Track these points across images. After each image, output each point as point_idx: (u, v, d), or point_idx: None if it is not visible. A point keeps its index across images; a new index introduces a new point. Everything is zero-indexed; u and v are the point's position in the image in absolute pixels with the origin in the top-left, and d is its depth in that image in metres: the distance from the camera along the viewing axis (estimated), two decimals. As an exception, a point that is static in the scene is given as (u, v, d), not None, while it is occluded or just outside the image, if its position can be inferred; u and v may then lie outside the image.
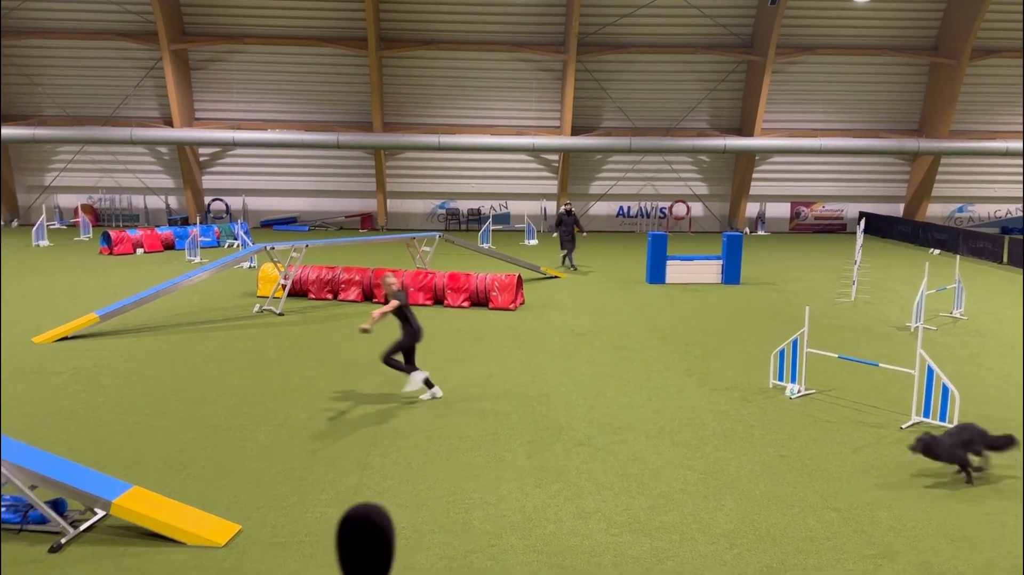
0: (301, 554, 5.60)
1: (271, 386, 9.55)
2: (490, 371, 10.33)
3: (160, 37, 24.85)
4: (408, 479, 6.90)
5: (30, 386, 9.42)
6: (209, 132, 26.12)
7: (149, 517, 5.76)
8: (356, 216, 28.34)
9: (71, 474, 5.99)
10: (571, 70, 26.24)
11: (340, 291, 15.18)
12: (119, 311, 12.34)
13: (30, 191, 27.65)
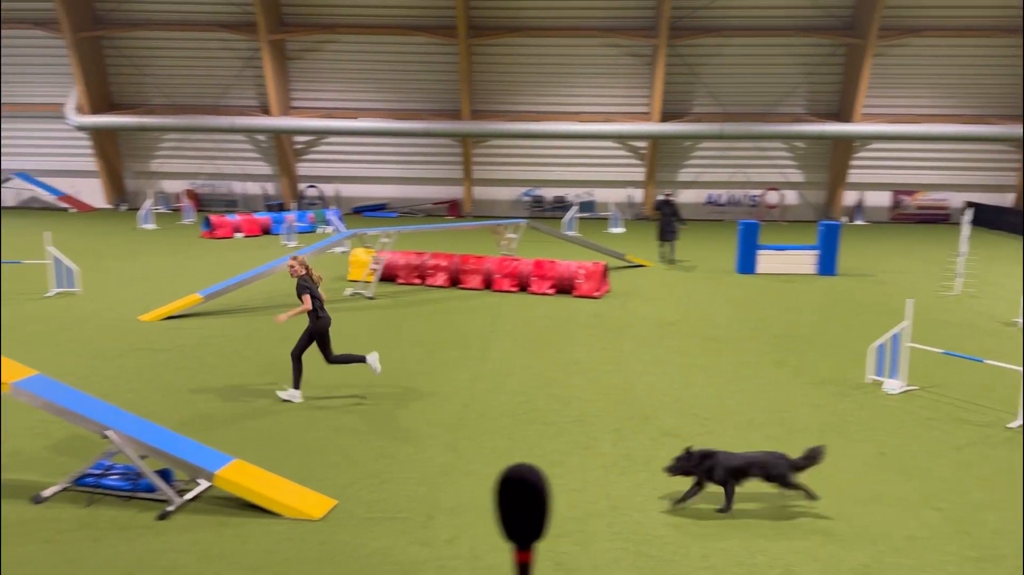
0: (393, 530, 5.74)
1: (362, 367, 9.79)
2: (575, 358, 10.32)
3: (259, 28, 25.68)
4: (495, 463, 6.97)
5: (138, 362, 9.96)
6: (304, 121, 26.89)
7: (249, 489, 6.02)
8: (443, 203, 28.70)
9: (178, 446, 6.32)
10: (661, 55, 25.81)
11: (428, 276, 15.42)
12: (221, 292, 12.89)
13: (137, 177, 29.10)
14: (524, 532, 1.65)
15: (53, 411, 6.27)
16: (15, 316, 12.14)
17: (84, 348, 10.49)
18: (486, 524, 5.85)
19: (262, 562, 5.31)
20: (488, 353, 10.48)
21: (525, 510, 1.63)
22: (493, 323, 12.18)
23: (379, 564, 5.30)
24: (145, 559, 5.36)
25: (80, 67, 26.16)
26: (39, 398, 6.23)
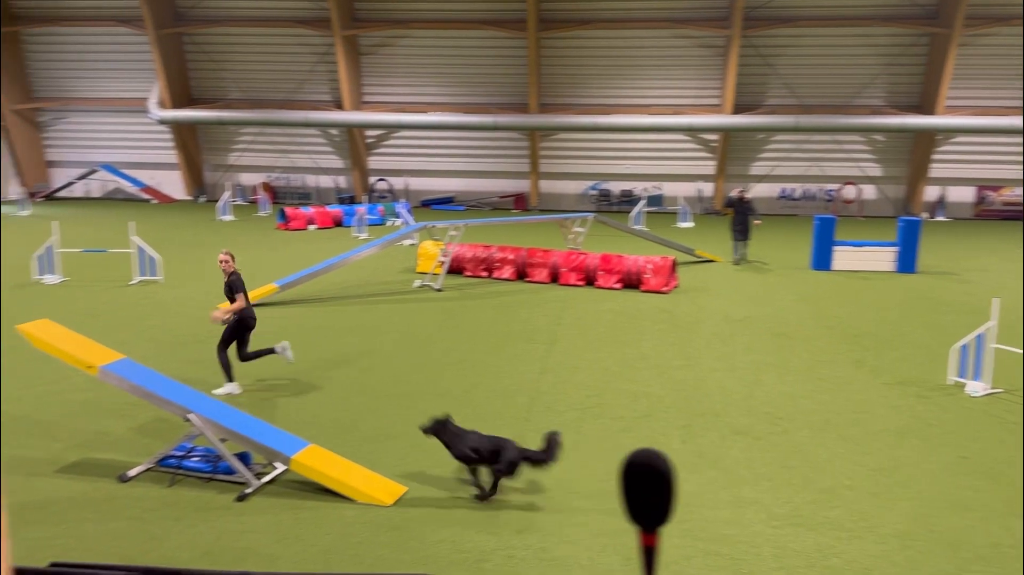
0: (462, 519, 5.81)
1: (431, 358, 9.92)
2: (642, 353, 10.23)
3: (333, 24, 26.17)
4: (562, 456, 6.96)
5: (215, 349, 10.27)
6: (375, 115, 27.31)
7: (324, 474, 6.16)
8: (509, 196, 28.78)
9: (256, 430, 6.51)
10: (735, 46, 25.31)
11: (494, 269, 15.50)
12: (296, 282, 13.22)
13: (215, 170, 30.02)
14: (650, 516, 1.69)
15: (138, 394, 6.54)
16: (101, 302, 12.69)
17: (166, 334, 10.90)
18: (555, 516, 5.86)
19: (336, 545, 5.44)
20: (555, 347, 10.48)
21: (651, 494, 1.68)
22: (559, 317, 12.17)
23: (448, 552, 5.37)
24: (224, 539, 5.55)
25: (162, 63, 27.11)
26: (126, 381, 6.51)
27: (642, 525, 1.72)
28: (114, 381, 6.53)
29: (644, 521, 1.71)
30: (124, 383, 6.50)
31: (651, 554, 1.73)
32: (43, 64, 29.07)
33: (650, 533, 1.72)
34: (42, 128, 29.97)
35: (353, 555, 5.32)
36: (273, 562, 5.19)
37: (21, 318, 11.65)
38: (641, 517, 1.72)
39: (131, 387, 6.50)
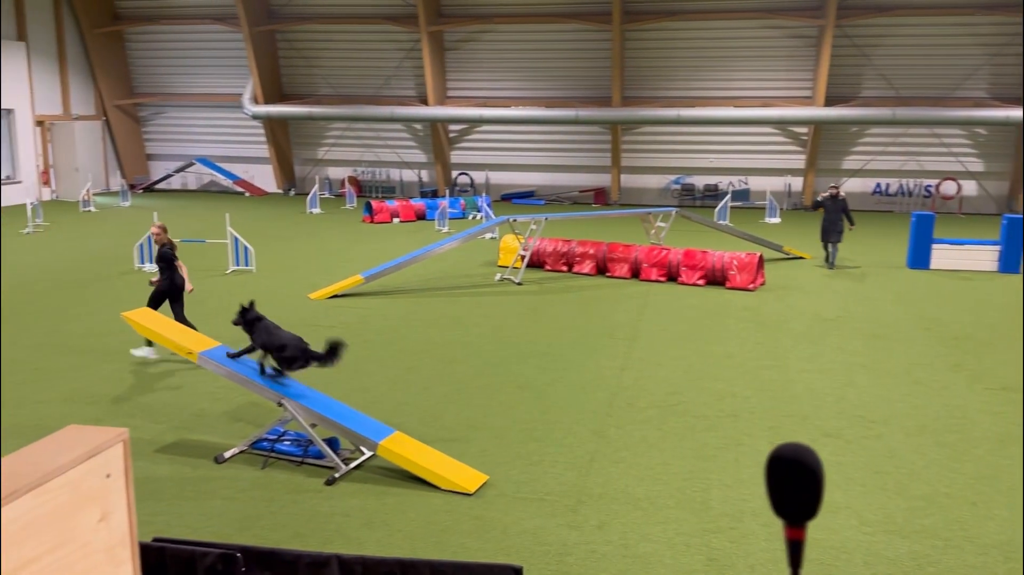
0: (543, 511, 5.84)
1: (512, 350, 9.99)
2: (727, 352, 10.04)
3: (420, 20, 26.53)
4: (644, 452, 6.93)
5: (306, 336, 10.52)
6: (459, 110, 27.57)
7: (409, 460, 6.30)
8: (590, 191, 28.62)
9: (345, 416, 6.70)
10: (828, 36, 24.48)
11: (575, 264, 15.46)
12: (380, 274, 13.51)
13: (304, 164, 30.88)
14: (797, 510, 1.70)
15: (235, 379, 6.81)
16: (199, 290, 13.24)
17: (258, 322, 11.29)
18: (636, 512, 5.83)
19: (421, 531, 5.55)
20: (636, 343, 10.40)
21: (799, 488, 1.69)
22: (640, 312, 12.06)
23: (529, 544, 5.41)
24: (314, 521, 5.73)
25: (255, 59, 28.02)
26: (222, 367, 6.79)
27: (788, 519, 1.71)
28: (212, 367, 6.83)
29: (790, 515, 1.70)
30: (220, 369, 6.79)
31: (797, 548, 1.75)
32: (143, 61, 30.45)
33: (796, 527, 1.73)
34: (142, 122, 31.43)
35: (436, 542, 5.41)
36: (360, 545, 5.34)
37: (125, 304, 12.28)
38: (787, 511, 1.73)
39: (227, 373, 6.78)
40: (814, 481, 1.71)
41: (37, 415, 7.72)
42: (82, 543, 1.40)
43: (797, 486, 1.70)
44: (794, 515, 1.74)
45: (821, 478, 1.72)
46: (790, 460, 1.72)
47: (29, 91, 26.23)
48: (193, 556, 4.03)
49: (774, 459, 1.74)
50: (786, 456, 1.73)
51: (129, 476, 1.46)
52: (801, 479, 1.70)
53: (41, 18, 27.01)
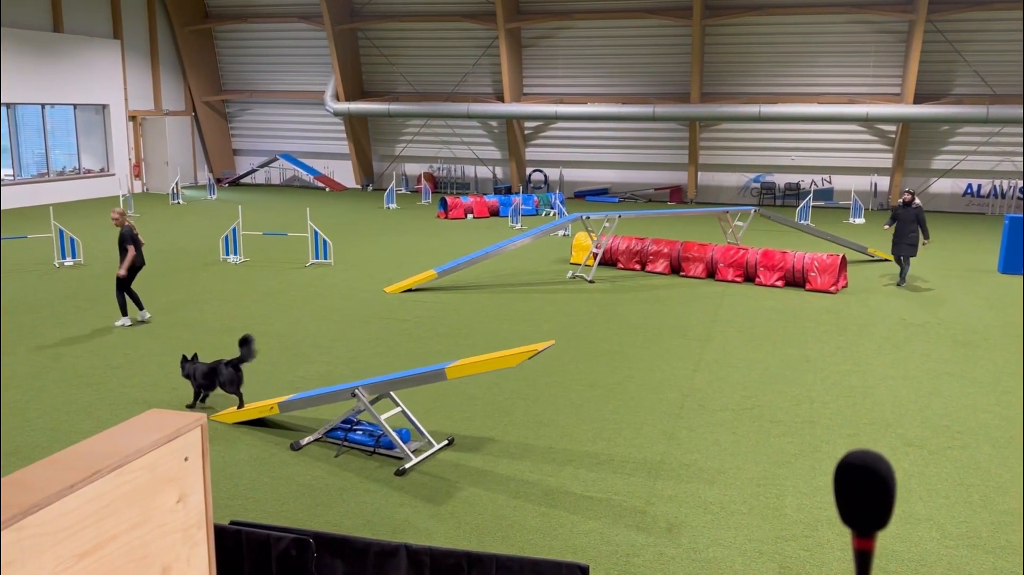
0: (610, 511, 5.79)
1: (582, 348, 9.94)
2: (806, 355, 9.76)
3: (498, 17, 26.65)
4: (715, 456, 6.80)
5: (382, 329, 10.80)
6: (535, 107, 27.58)
7: (476, 363, 6.52)
8: (665, 189, 28.24)
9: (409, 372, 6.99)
10: (919, 31, 23.51)
11: (648, 262, 15.28)
12: (454, 269, 13.64)
13: (383, 160, 31.42)
14: (866, 519, 1.66)
15: (314, 403, 7.19)
16: (279, 282, 13.63)
17: (336, 314, 11.56)
18: (707, 516, 5.73)
19: (488, 526, 5.58)
20: (709, 344, 10.21)
21: (869, 497, 1.65)
22: (715, 313, 11.84)
23: (596, 543, 5.37)
24: (384, 510, 5.83)
25: (337, 57, 28.64)
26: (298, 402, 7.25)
27: (857, 528, 1.68)
28: (294, 408, 7.28)
29: (860, 524, 1.67)
30: (301, 403, 7.23)
31: (866, 559, 1.69)
32: (231, 58, 31.49)
33: (866, 537, 1.68)
34: (229, 118, 32.51)
35: (504, 537, 5.43)
36: (428, 537, 5.40)
37: (210, 294, 12.75)
38: (856, 520, 1.68)
39: (305, 402, 7.22)
40: (885, 490, 1.64)
41: (124, 398, 8.08)
42: (160, 523, 1.45)
43: (867, 495, 1.64)
44: (863, 525, 1.68)
45: (892, 487, 1.65)
46: (860, 467, 1.66)
47: (123, 87, 27.45)
48: (268, 540, 4.15)
49: (843, 466, 1.68)
50: (856, 463, 1.67)
51: (206, 460, 1.51)
52: (871, 487, 1.64)
53: (135, 16, 28.23)
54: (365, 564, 4.16)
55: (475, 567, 4.03)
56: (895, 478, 1.65)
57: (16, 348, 9.70)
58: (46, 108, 24.93)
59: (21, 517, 1.20)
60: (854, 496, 1.67)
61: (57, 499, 1.25)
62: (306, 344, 10.02)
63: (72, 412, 7.69)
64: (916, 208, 13.74)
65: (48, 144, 25.28)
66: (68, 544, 1.28)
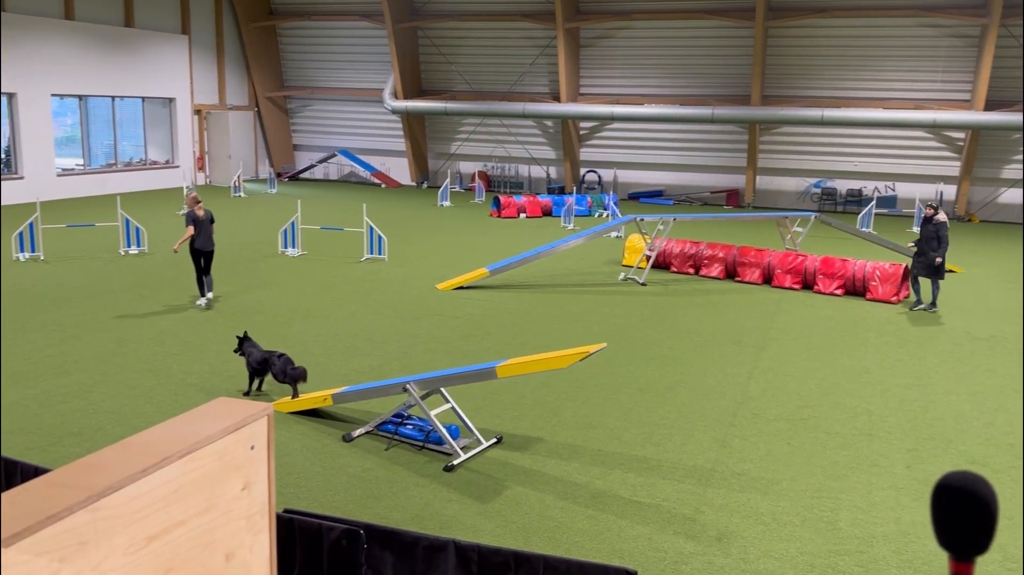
0: (659, 517, 5.73)
1: (633, 351, 9.86)
2: (865, 367, 9.52)
3: (556, 17, 26.61)
4: (769, 466, 6.67)
5: (432, 325, 10.88)
6: (591, 107, 27.48)
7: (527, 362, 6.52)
8: (721, 192, 27.85)
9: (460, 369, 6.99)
10: (991, 36, 22.72)
11: (702, 266, 15.08)
12: (505, 268, 13.67)
13: (438, 158, 31.67)
14: (966, 543, 1.60)
15: (366, 396, 7.15)
16: (334, 276, 13.84)
17: (389, 309, 11.68)
18: (758, 527, 5.62)
19: (535, 526, 5.57)
20: (765, 351, 10.03)
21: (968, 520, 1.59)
22: (771, 320, 11.62)
23: (643, 549, 5.32)
24: (432, 505, 5.87)
25: (397, 55, 28.95)
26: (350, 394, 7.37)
27: (955, 552, 1.62)
28: (347, 400, 7.40)
29: (958, 548, 1.61)
30: (353, 396, 7.35)
31: None
32: (293, 55, 32.08)
33: (964, 562, 1.62)
34: (290, 114, 33.13)
35: (550, 538, 5.42)
36: (475, 533, 5.42)
37: (268, 285, 13.00)
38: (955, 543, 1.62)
39: (358, 395, 7.32)
40: (987, 513, 1.58)
41: (184, 384, 8.29)
42: (225, 510, 1.47)
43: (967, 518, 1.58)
44: (962, 549, 1.61)
45: (995, 511, 1.59)
46: (961, 489, 1.60)
47: (189, 81, 28.18)
48: (320, 529, 4.21)
49: (942, 487, 1.62)
50: (955, 485, 1.60)
51: (271, 449, 1.52)
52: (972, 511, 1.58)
53: (203, 12, 28.94)
54: (414, 558, 4.19)
55: (523, 567, 4.03)
56: (997, 501, 1.58)
57: (82, 333, 10.03)
58: (116, 101, 25.73)
59: (96, 498, 1.22)
60: (953, 519, 1.60)
61: (130, 482, 1.28)
62: (359, 338, 10.15)
63: (134, 396, 7.92)
64: (937, 224, 12.22)
65: (117, 135, 26.10)
66: (139, 526, 1.30)
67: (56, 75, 23.35)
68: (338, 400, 7.36)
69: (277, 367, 7.71)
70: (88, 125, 25.32)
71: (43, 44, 22.94)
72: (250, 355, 7.91)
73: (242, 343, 8.03)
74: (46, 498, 1.22)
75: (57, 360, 8.93)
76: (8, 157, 22.86)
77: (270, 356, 7.80)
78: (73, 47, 23.78)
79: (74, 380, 8.31)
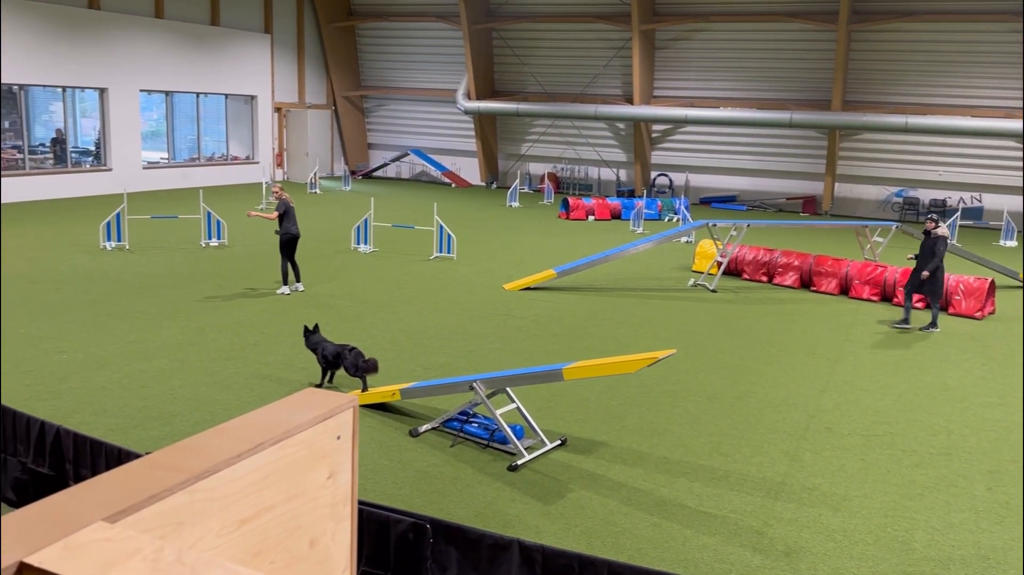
0: (725, 528, 5.64)
1: (701, 359, 9.71)
2: (945, 384, 9.17)
3: (632, 18, 26.42)
4: (841, 482, 6.49)
5: (499, 325, 10.94)
6: (665, 109, 27.18)
7: (594, 366, 6.51)
8: (797, 199, 27.18)
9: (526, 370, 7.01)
10: (1094, 40, 21.58)
11: (776, 275, 14.75)
12: (573, 270, 13.64)
13: (508, 158, 31.81)
14: None
15: (433, 392, 7.21)
16: (404, 273, 14.04)
17: (456, 307, 11.79)
18: (829, 544, 5.48)
19: (598, 530, 5.55)
20: (839, 364, 9.75)
21: None
22: (847, 332, 11.29)
23: (709, 560, 5.24)
24: (495, 504, 5.90)
25: (472, 56, 29.19)
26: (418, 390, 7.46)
27: None
28: (414, 395, 7.50)
29: None
30: (420, 392, 7.46)
31: None
32: (370, 55, 32.67)
33: None
34: (366, 113, 33.76)
35: (614, 543, 5.39)
36: (538, 534, 5.43)
37: (340, 281, 13.28)
38: None
39: (425, 390, 7.37)
40: None
41: (259, 374, 8.53)
42: (311, 497, 1.51)
43: None
44: None
45: None
46: None
47: (270, 80, 28.98)
48: (388, 521, 4.28)
49: None
50: None
51: (355, 440, 1.56)
52: None
53: (285, 12, 29.74)
54: (479, 555, 4.23)
55: (586, 570, 4.02)
56: None
57: (163, 320, 10.43)
58: (200, 97, 26.65)
59: (194, 480, 1.27)
60: None
61: (226, 466, 1.32)
62: (427, 335, 10.28)
63: (211, 384, 8.19)
64: (934, 239, 11.37)
65: (200, 131, 27.04)
66: (232, 510, 1.34)
67: (145, 71, 24.32)
68: (406, 395, 7.46)
69: (349, 360, 7.87)
70: (173, 120, 26.31)
71: (134, 41, 23.93)
72: (324, 348, 8.08)
73: (309, 335, 8.23)
74: (148, 478, 1.27)
75: (140, 346, 9.30)
76: (98, 149, 23.94)
77: (342, 350, 7.97)
78: (161, 44, 24.73)
79: (155, 366, 8.64)
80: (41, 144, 23.41)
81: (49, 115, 24.21)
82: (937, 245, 11.35)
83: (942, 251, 11.34)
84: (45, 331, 9.70)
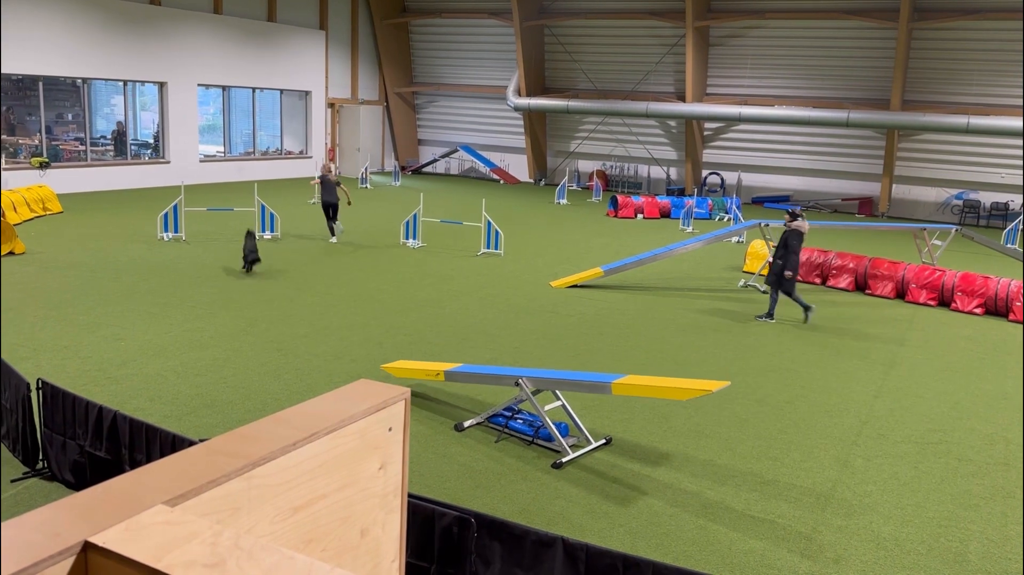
0: (773, 533, 5.55)
1: (750, 362, 9.57)
2: (1003, 392, 8.88)
3: (686, 15, 26.12)
4: (893, 490, 6.34)
5: (545, 322, 10.93)
6: (718, 107, 26.82)
7: (645, 386, 6.41)
8: (853, 200, 26.59)
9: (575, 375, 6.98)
10: None
11: (830, 277, 14.46)
12: (620, 268, 13.56)
13: (557, 155, 31.74)
14: None
15: (477, 380, 7.23)
16: (451, 268, 14.12)
17: (502, 303, 11.82)
18: (880, 552, 5.36)
19: (642, 530, 5.51)
20: (894, 369, 9.52)
21: None
22: (903, 337, 11.02)
23: (755, 564, 5.17)
24: (539, 501, 5.90)
25: (523, 53, 29.19)
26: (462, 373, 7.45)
27: None
28: (457, 378, 7.51)
29: None
30: (463, 376, 7.46)
31: None
32: (423, 51, 32.92)
33: None
34: (417, 109, 34.03)
35: (658, 544, 5.34)
36: (582, 532, 5.41)
37: (389, 275, 13.41)
38: None
39: (468, 376, 7.38)
40: None
41: (309, 366, 8.67)
42: (363, 487, 1.52)
43: None
44: None
45: None
46: None
47: (325, 75, 29.38)
48: (433, 514, 4.32)
49: None
50: None
51: (407, 432, 1.57)
52: None
53: (339, 8, 30.11)
54: (522, 551, 4.23)
55: (631, 571, 3.99)
56: None
57: (217, 310, 10.66)
58: (256, 92, 27.15)
59: (251, 467, 1.29)
60: None
61: (281, 454, 1.34)
62: (473, 330, 10.32)
63: (262, 374, 8.35)
64: (788, 231, 11.16)
65: (255, 125, 27.55)
66: (286, 497, 1.36)
67: (202, 66, 24.87)
68: (450, 378, 7.44)
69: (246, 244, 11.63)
70: (229, 114, 26.85)
71: (192, 36, 24.49)
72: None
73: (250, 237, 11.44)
74: (207, 464, 1.30)
75: (195, 335, 9.53)
76: (157, 143, 24.56)
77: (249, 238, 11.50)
78: (219, 39, 25.26)
79: (209, 355, 8.84)
80: (103, 136, 24.12)
81: (110, 108, 24.93)
82: (789, 239, 11.12)
83: (795, 246, 11.10)
84: (104, 318, 9.99)
